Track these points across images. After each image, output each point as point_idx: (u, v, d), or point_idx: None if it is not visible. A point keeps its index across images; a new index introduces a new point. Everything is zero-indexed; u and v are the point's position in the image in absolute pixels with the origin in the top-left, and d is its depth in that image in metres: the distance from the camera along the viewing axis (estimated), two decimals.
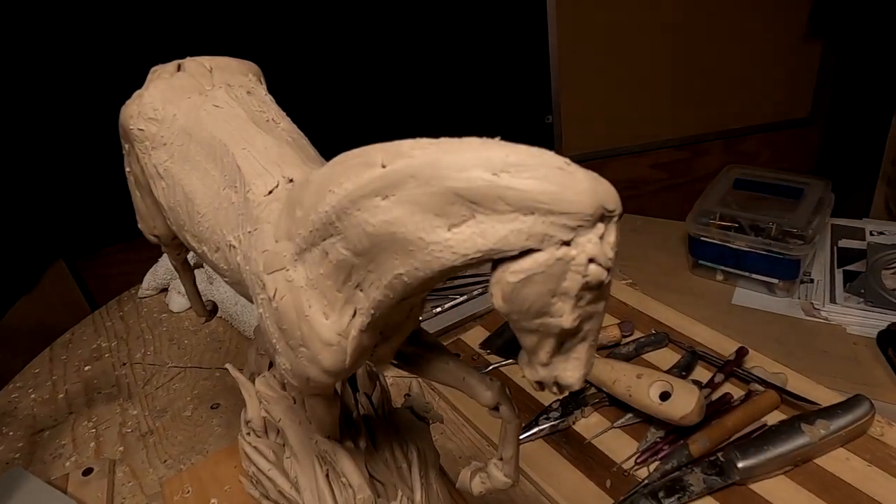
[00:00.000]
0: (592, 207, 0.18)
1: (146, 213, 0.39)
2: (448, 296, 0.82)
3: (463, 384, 0.31)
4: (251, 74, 0.35)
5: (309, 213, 0.22)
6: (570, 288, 0.18)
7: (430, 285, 0.21)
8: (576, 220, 0.18)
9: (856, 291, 0.80)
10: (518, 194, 0.17)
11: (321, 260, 0.22)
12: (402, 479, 0.36)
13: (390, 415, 0.38)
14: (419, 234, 0.19)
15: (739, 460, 0.53)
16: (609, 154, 1.64)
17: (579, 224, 0.18)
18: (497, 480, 0.31)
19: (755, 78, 1.57)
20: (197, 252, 0.32)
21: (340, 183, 0.21)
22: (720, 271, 0.89)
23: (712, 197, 0.94)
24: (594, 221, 0.18)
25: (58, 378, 0.78)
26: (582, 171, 0.18)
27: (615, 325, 0.71)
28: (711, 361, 0.66)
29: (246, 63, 0.36)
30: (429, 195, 0.18)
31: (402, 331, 0.28)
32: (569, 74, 1.53)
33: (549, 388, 0.22)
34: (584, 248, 0.18)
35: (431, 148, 0.19)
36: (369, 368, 0.39)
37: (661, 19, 1.48)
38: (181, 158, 0.31)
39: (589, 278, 0.18)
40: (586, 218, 0.18)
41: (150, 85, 0.34)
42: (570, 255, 0.18)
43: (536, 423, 0.61)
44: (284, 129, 0.31)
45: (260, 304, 0.26)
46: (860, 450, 0.54)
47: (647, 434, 0.59)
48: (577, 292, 0.18)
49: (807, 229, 0.81)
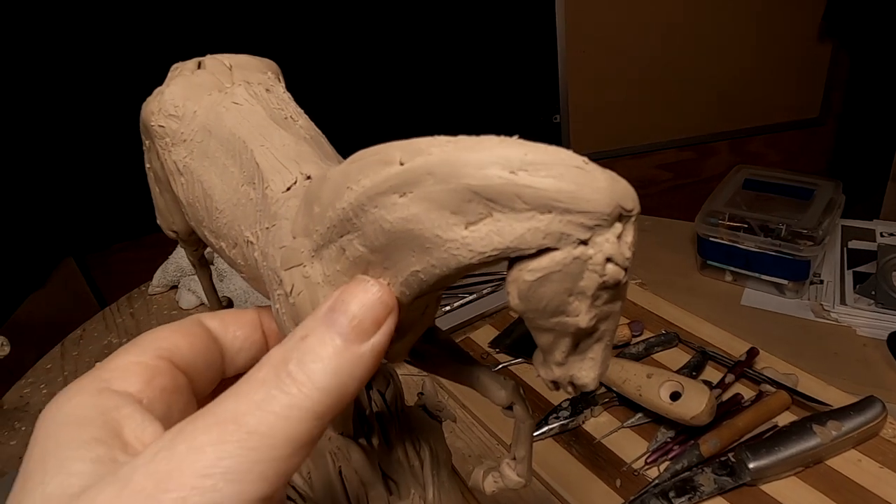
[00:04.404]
0: (610, 206, 0.18)
1: (165, 209, 0.39)
2: (458, 294, 0.82)
3: (477, 383, 0.31)
4: (270, 72, 0.35)
5: (326, 210, 0.22)
6: (586, 287, 0.18)
7: (446, 283, 0.21)
8: (593, 220, 0.18)
9: (866, 293, 0.80)
10: (536, 192, 0.17)
11: (338, 256, 0.22)
12: (415, 478, 0.36)
13: (403, 413, 0.39)
14: (436, 232, 0.19)
15: (750, 461, 0.52)
16: (617, 154, 1.63)
17: (597, 223, 0.18)
18: (510, 480, 0.31)
19: (764, 77, 1.55)
20: (215, 248, 0.32)
21: (358, 180, 0.21)
22: (729, 272, 0.89)
23: (721, 197, 0.93)
24: (612, 221, 0.18)
25: (69, 374, 0.79)
26: (600, 170, 0.18)
27: (625, 325, 0.71)
28: (722, 362, 0.66)
29: (265, 61, 0.36)
30: (446, 192, 0.19)
31: (417, 328, 0.28)
32: (576, 74, 1.52)
33: (564, 387, 0.22)
34: (601, 248, 0.18)
35: (449, 146, 0.19)
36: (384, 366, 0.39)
37: (669, 18, 1.47)
38: (200, 155, 0.31)
39: (606, 278, 0.18)
40: (604, 217, 0.18)
41: (170, 82, 0.34)
42: (587, 255, 0.18)
43: (546, 422, 0.61)
44: (302, 126, 0.32)
45: (277, 300, 0.26)
46: (872, 451, 0.54)
47: (658, 434, 0.59)
48: (593, 292, 0.18)
49: (817, 230, 0.81)
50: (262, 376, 0.18)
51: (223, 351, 0.24)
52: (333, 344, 0.19)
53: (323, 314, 0.20)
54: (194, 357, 0.22)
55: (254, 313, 0.26)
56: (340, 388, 0.18)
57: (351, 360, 0.19)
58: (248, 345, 0.25)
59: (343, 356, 0.19)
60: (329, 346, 0.19)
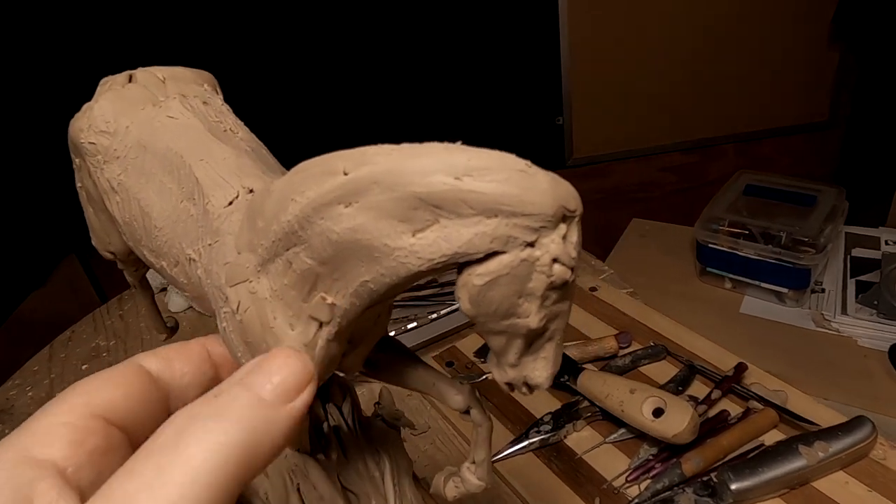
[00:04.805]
0: (554, 208, 0.18)
1: (100, 229, 0.38)
2: (444, 302, 0.81)
3: (433, 389, 0.31)
4: (207, 84, 0.34)
5: (271, 224, 0.22)
6: (535, 288, 0.19)
7: (396, 291, 0.21)
8: (538, 222, 0.18)
9: (868, 303, 0.78)
10: (481, 197, 0.18)
11: (285, 270, 0.22)
12: (376, 488, 0.36)
13: (361, 424, 0.38)
14: (384, 241, 0.19)
15: (733, 482, 0.51)
16: (619, 157, 1.59)
17: (542, 225, 0.18)
18: (470, 484, 0.31)
19: (770, 80, 1.51)
20: (155, 267, 0.31)
21: (302, 192, 0.20)
22: (728, 279, 0.87)
23: (722, 203, 0.91)
24: (556, 222, 0.18)
25: (56, 376, 0.77)
26: (542, 173, 0.18)
27: (612, 337, 0.69)
28: (710, 376, 0.64)
29: (201, 73, 0.35)
30: (392, 201, 0.18)
31: (370, 338, 0.28)
32: (579, 75, 1.48)
33: (519, 388, 0.22)
34: (547, 249, 0.18)
35: (394, 154, 0.19)
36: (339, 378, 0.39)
37: (674, 19, 1.43)
38: (136, 172, 0.30)
39: (554, 278, 0.19)
40: (548, 219, 0.18)
41: (100, 97, 0.33)
42: (534, 256, 0.18)
43: (527, 436, 0.60)
44: (242, 138, 0.31)
45: (223, 318, 0.25)
46: (861, 473, 0.53)
47: (640, 451, 0.57)
48: (542, 292, 0.19)
49: (818, 238, 0.79)
50: (160, 443, 0.17)
51: (169, 391, 0.22)
52: (250, 403, 0.18)
53: (241, 376, 0.19)
54: (132, 408, 0.20)
55: (198, 345, 0.24)
56: (252, 448, 0.17)
57: (267, 420, 0.18)
58: (197, 379, 0.23)
59: (258, 414, 0.18)
60: (245, 404, 0.18)
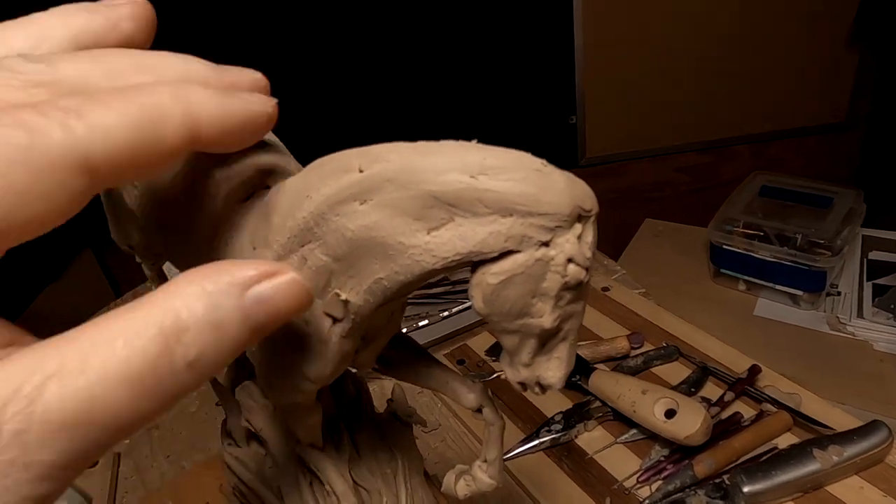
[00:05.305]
0: (570, 208, 0.18)
1: (119, 222, 0.38)
2: (456, 300, 0.80)
3: (446, 387, 0.31)
4: None
5: (286, 220, 0.22)
6: (549, 288, 0.19)
7: (410, 289, 0.21)
8: (554, 221, 0.18)
9: (885, 306, 0.76)
10: (496, 196, 0.18)
11: (300, 266, 0.22)
12: (387, 485, 0.36)
13: (373, 420, 0.38)
14: (398, 238, 0.19)
15: (745, 484, 0.50)
16: (634, 156, 1.57)
17: (557, 225, 0.18)
18: (482, 482, 0.31)
19: (787, 80, 1.48)
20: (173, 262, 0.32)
21: (318, 188, 0.21)
22: (743, 281, 0.85)
23: (737, 204, 0.89)
24: (572, 222, 0.18)
25: None
26: (558, 173, 0.18)
27: (624, 337, 0.68)
28: (723, 378, 0.63)
29: None
30: (407, 199, 0.18)
31: (384, 335, 0.28)
32: (593, 74, 1.47)
33: (532, 388, 0.22)
34: (562, 249, 0.18)
35: (408, 151, 0.19)
36: (352, 375, 0.39)
37: (689, 18, 1.41)
38: None
39: (568, 278, 0.18)
40: (564, 219, 0.18)
41: None
42: (549, 256, 0.18)
43: (538, 435, 0.59)
44: None
45: None
46: (876, 479, 0.52)
47: (652, 452, 0.57)
48: (556, 292, 0.19)
49: (835, 240, 0.77)
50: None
51: None
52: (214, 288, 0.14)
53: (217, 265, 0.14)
54: None
55: None
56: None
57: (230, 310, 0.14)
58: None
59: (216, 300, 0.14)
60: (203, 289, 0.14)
